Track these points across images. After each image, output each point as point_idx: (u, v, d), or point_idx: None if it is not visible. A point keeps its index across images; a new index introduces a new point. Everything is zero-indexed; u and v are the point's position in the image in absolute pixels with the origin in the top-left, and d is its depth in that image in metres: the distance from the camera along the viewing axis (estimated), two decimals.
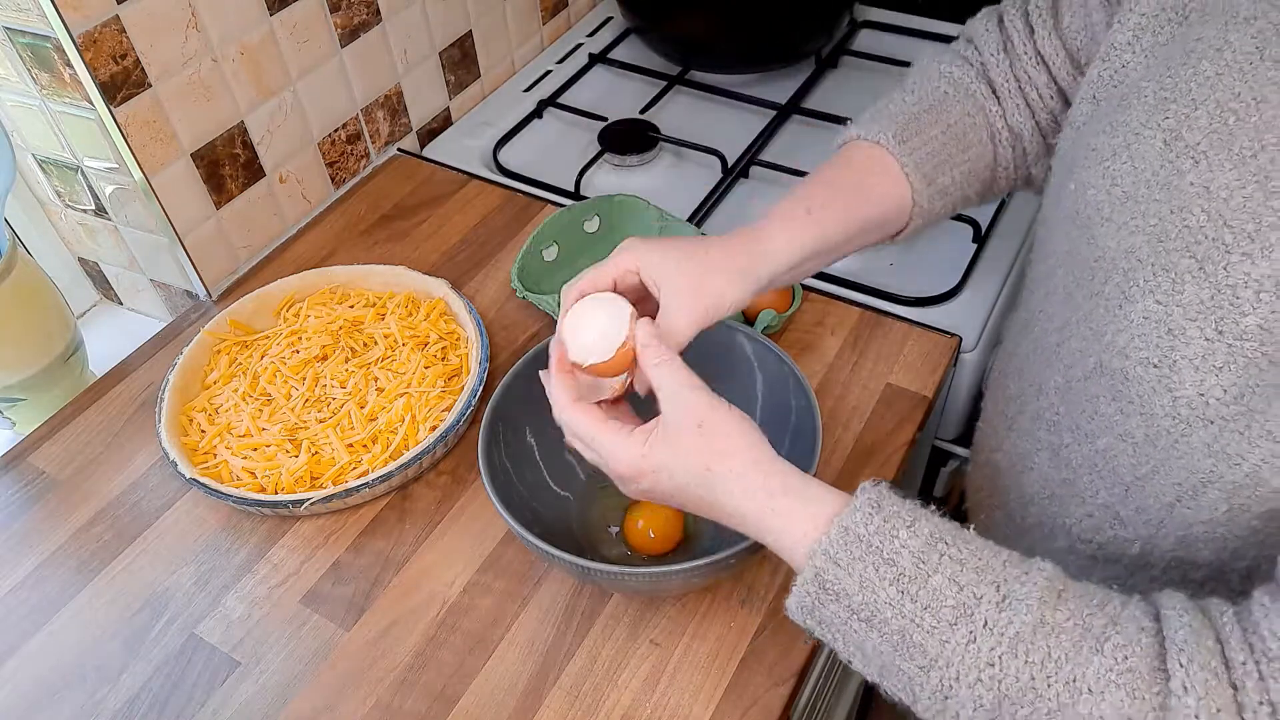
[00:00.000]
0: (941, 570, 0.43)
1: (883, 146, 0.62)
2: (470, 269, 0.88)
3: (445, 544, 0.67)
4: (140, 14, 0.72)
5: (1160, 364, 0.46)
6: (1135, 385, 0.47)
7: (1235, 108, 0.43)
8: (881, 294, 0.82)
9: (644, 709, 0.58)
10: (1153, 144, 0.47)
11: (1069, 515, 0.56)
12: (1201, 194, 0.44)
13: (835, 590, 0.45)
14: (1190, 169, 0.45)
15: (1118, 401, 0.49)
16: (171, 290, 0.88)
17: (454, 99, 1.07)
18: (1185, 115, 0.46)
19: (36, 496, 0.72)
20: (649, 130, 1.01)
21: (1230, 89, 0.44)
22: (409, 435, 0.70)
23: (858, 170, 0.63)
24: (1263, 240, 0.42)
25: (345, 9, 0.89)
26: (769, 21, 1.06)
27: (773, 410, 0.66)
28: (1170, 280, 0.45)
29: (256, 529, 0.69)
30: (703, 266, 0.56)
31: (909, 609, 0.43)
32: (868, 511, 0.45)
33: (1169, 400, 0.46)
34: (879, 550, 0.44)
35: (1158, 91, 0.48)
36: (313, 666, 0.61)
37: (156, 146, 0.77)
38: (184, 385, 0.74)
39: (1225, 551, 0.48)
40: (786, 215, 0.60)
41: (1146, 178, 0.47)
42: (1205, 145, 0.44)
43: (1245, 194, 0.42)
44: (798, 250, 0.58)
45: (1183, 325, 0.44)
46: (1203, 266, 0.44)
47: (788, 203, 0.60)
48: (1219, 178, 0.43)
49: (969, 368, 0.80)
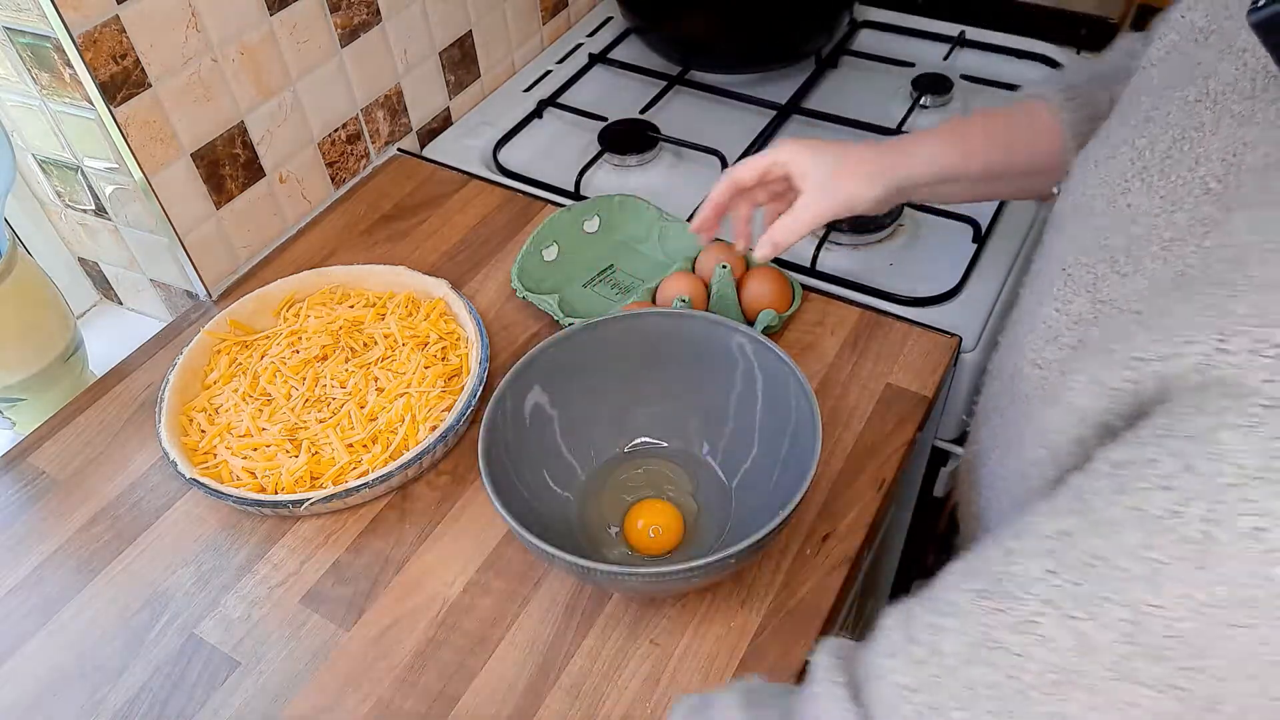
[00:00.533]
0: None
1: (1047, 102, 0.63)
2: (470, 269, 0.88)
3: (445, 544, 0.67)
4: (140, 14, 0.72)
5: (1044, 368, 0.47)
6: (1023, 384, 0.49)
7: (1193, 136, 0.43)
8: (881, 294, 0.82)
9: (644, 709, 0.58)
10: (1123, 160, 0.47)
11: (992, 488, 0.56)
12: (1128, 217, 0.44)
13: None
14: (1135, 190, 0.45)
15: (1015, 404, 0.50)
16: (171, 290, 0.88)
17: (454, 99, 1.07)
18: (1155, 137, 0.46)
19: (36, 496, 0.72)
20: (649, 130, 1.01)
21: (1198, 118, 0.44)
22: (409, 435, 0.70)
23: (1016, 118, 0.64)
24: (1136, 261, 0.42)
25: (345, 9, 0.89)
26: (769, 21, 1.06)
27: (772, 411, 0.66)
28: (1070, 292, 0.46)
29: (256, 529, 0.69)
30: (840, 166, 0.62)
31: None
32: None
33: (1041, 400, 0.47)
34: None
35: (1148, 110, 0.48)
36: (313, 666, 0.61)
37: (156, 146, 0.77)
38: (184, 385, 0.74)
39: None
40: (933, 134, 0.64)
41: (1104, 192, 0.47)
42: (1154, 170, 0.44)
43: (1151, 221, 0.43)
44: (935, 167, 0.63)
45: (1064, 334, 0.45)
46: (1095, 282, 0.44)
47: (941, 125, 0.65)
48: (1145, 203, 0.44)
49: (969, 368, 0.80)
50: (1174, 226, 0.41)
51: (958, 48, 1.14)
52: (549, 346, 0.66)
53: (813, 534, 0.66)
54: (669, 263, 0.84)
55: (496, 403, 0.63)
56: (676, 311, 0.69)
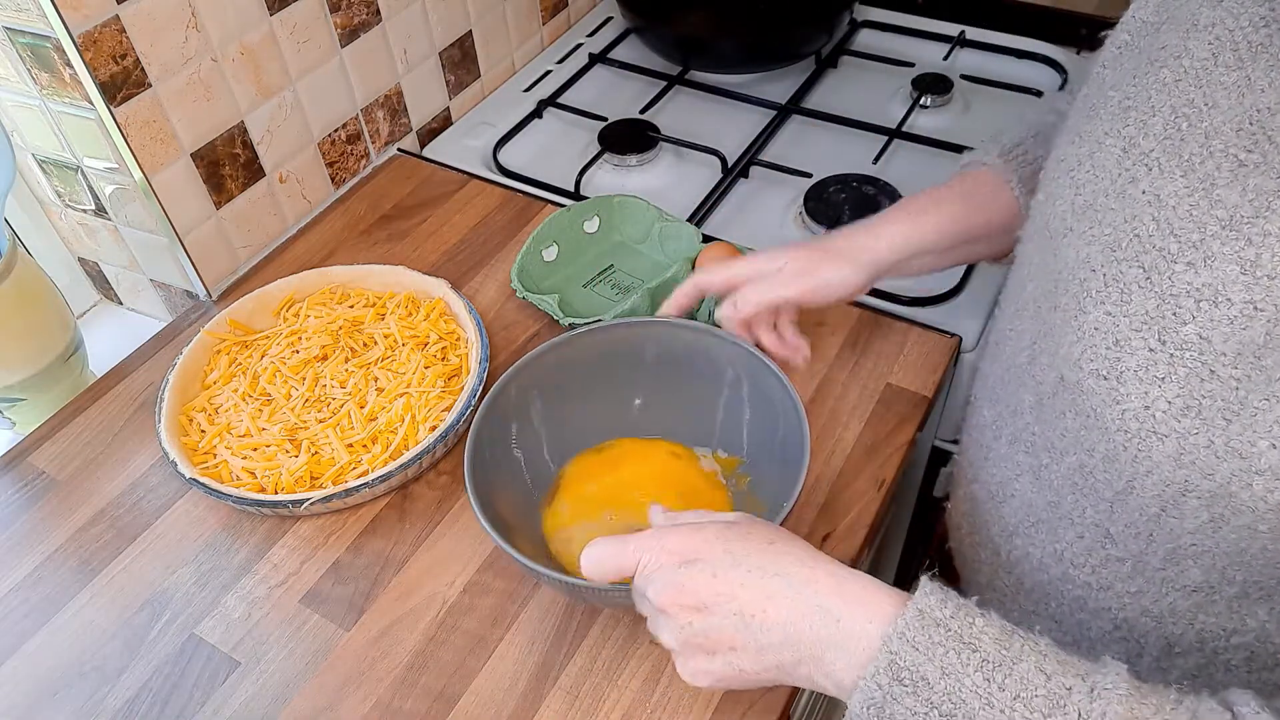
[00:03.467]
0: (1025, 658, 0.40)
1: (988, 167, 0.66)
2: (470, 269, 0.88)
3: (445, 544, 0.67)
4: (140, 14, 0.72)
5: (1109, 376, 0.44)
6: (1089, 398, 0.46)
7: (1188, 113, 0.43)
8: (881, 294, 0.82)
9: (644, 709, 0.58)
10: (1112, 152, 0.47)
11: (1059, 539, 0.54)
12: (1152, 202, 0.44)
13: (913, 680, 0.41)
14: (1144, 176, 0.44)
15: (1079, 416, 0.48)
16: (171, 290, 0.88)
17: (454, 99, 1.07)
18: (1143, 122, 0.45)
19: (36, 496, 0.72)
20: (649, 130, 1.01)
21: (1185, 95, 0.44)
22: (409, 435, 0.70)
23: (966, 187, 0.67)
24: (1205, 249, 0.41)
25: (345, 9, 0.89)
26: (769, 21, 1.06)
27: (761, 418, 0.65)
28: (1119, 290, 0.44)
29: (256, 529, 0.69)
30: (820, 256, 0.65)
31: (998, 699, 0.40)
32: (940, 596, 0.42)
33: (1118, 413, 0.44)
34: (959, 635, 0.41)
35: (1121, 100, 0.48)
36: (313, 666, 0.61)
37: (156, 146, 0.77)
38: (184, 385, 0.74)
39: (1214, 572, 0.47)
40: (893, 215, 0.66)
41: (1105, 186, 0.47)
42: (1159, 152, 0.44)
43: (1191, 202, 0.42)
44: (901, 245, 0.65)
45: (1128, 336, 0.43)
46: (1149, 276, 0.43)
47: (897, 206, 0.67)
48: (1168, 185, 0.43)
49: (969, 368, 0.80)
50: (1224, 205, 0.41)
51: (958, 48, 1.14)
52: (531, 361, 0.66)
53: (812, 534, 0.66)
54: (669, 263, 0.84)
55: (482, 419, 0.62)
56: (662, 320, 0.69)
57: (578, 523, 0.65)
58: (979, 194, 0.66)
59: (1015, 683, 0.40)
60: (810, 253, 0.66)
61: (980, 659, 0.40)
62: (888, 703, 0.42)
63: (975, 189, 0.66)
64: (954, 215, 0.66)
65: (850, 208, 0.90)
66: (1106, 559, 0.52)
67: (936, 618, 0.42)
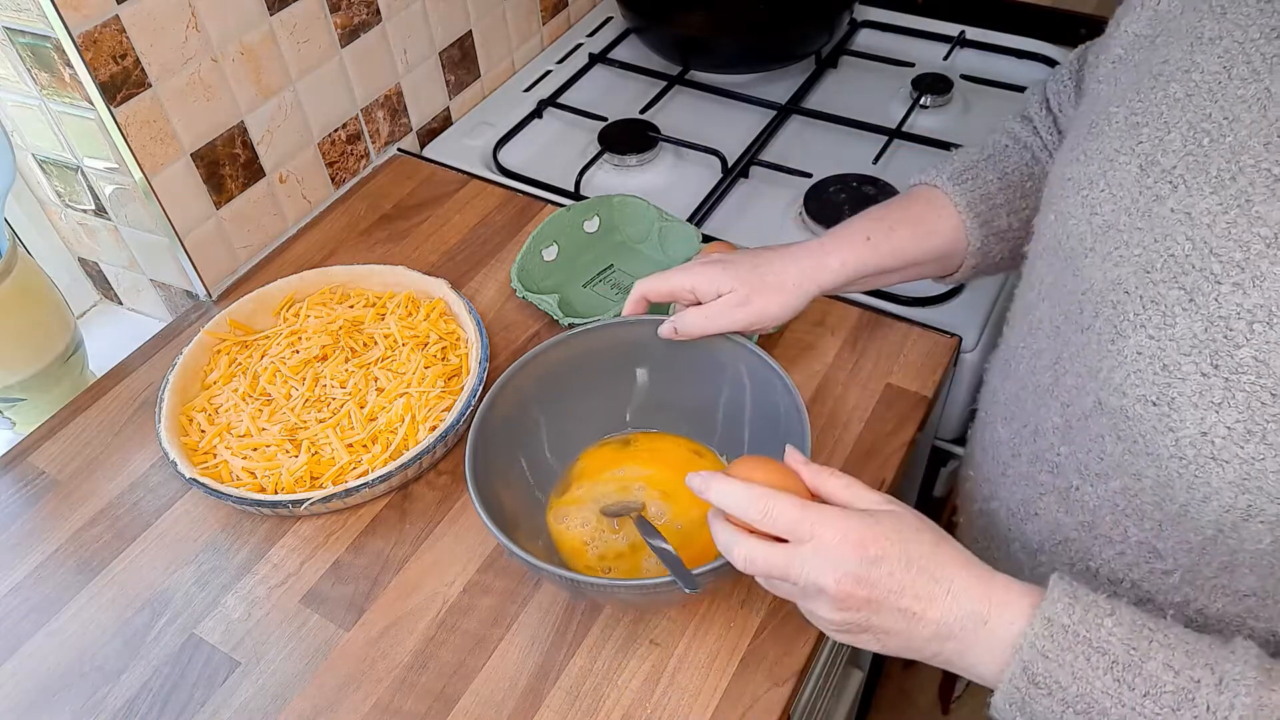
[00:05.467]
0: (1154, 655, 0.42)
1: (939, 188, 0.67)
2: (470, 269, 0.88)
3: (445, 543, 0.67)
4: (140, 14, 0.72)
5: (1159, 402, 0.43)
6: (1137, 424, 0.45)
7: (1208, 129, 0.43)
8: (881, 294, 0.82)
9: (644, 709, 0.58)
10: (1128, 170, 0.46)
11: (1094, 557, 0.54)
12: (1184, 220, 0.43)
13: (1047, 683, 0.43)
14: (1169, 194, 0.44)
15: (1123, 441, 0.47)
16: (171, 290, 0.88)
17: (454, 99, 1.07)
18: (1158, 139, 0.45)
19: (36, 496, 0.72)
20: (649, 130, 1.01)
21: (1201, 110, 0.43)
22: (409, 435, 0.70)
23: (915, 206, 0.67)
24: (1253, 269, 0.40)
25: (345, 9, 0.89)
26: (769, 21, 1.06)
27: (761, 416, 0.65)
28: (1161, 313, 0.43)
29: (256, 529, 0.69)
30: (760, 286, 0.64)
31: (1128, 698, 0.42)
32: (1067, 601, 0.44)
33: (1171, 440, 0.43)
34: (1087, 640, 0.43)
35: (1128, 116, 0.47)
36: (313, 666, 0.61)
37: (156, 146, 0.77)
38: (184, 385, 0.74)
39: (1271, 579, 0.46)
40: (842, 236, 0.66)
41: (1126, 205, 0.46)
42: (1181, 169, 0.43)
43: (1229, 219, 0.41)
44: (849, 269, 0.65)
45: (1177, 361, 0.42)
46: (1192, 298, 0.42)
47: (845, 226, 0.67)
48: (1199, 203, 0.42)
49: (969, 368, 0.80)
50: (1265, 222, 0.40)
51: (958, 48, 1.14)
52: (531, 360, 0.66)
53: None
54: (669, 263, 0.84)
55: (484, 416, 0.62)
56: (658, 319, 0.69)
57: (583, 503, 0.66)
58: (927, 219, 0.66)
59: (1144, 681, 0.42)
60: (751, 280, 0.64)
61: (1109, 661, 0.42)
62: (1027, 702, 0.44)
63: (924, 214, 0.66)
64: (902, 241, 0.66)
65: (850, 208, 0.90)
66: (1151, 571, 0.51)
67: (1064, 624, 0.44)
